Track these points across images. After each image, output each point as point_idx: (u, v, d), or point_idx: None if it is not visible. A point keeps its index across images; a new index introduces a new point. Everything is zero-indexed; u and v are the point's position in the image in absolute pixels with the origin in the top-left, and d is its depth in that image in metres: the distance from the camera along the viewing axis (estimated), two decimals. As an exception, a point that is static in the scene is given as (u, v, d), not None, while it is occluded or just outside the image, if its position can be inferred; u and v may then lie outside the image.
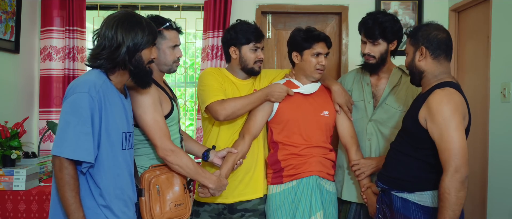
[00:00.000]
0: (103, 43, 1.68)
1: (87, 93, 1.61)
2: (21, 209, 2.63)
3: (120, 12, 1.74)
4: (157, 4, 3.74)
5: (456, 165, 1.71)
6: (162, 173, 1.94)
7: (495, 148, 2.96)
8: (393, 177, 1.95)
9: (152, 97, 1.90)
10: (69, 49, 3.59)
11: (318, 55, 2.25)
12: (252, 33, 2.29)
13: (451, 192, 1.70)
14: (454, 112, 1.74)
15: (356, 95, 2.39)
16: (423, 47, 1.88)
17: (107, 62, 1.69)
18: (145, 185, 1.89)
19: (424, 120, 1.81)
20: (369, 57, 2.29)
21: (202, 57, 3.70)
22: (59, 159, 1.59)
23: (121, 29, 1.68)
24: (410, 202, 1.88)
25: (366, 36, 2.28)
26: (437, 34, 1.87)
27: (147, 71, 1.80)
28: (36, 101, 3.63)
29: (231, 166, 2.19)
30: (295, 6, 3.77)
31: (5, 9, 3.17)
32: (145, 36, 1.72)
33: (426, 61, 1.88)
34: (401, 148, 1.93)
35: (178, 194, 1.96)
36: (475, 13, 3.35)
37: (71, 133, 1.59)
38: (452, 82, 1.86)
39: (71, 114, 1.60)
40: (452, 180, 1.70)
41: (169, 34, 2.03)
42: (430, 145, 1.80)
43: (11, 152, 2.71)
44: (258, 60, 2.32)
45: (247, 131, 2.26)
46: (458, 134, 1.73)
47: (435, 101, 1.77)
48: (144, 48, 1.73)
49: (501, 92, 2.88)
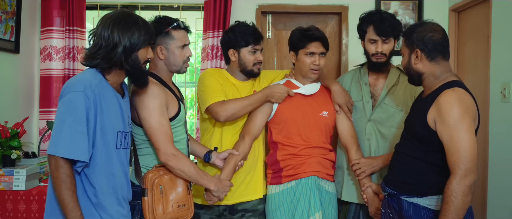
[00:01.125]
0: (99, 42, 1.68)
1: (83, 92, 1.61)
2: (21, 209, 2.62)
3: (116, 11, 1.74)
4: (157, 4, 3.74)
5: (465, 169, 1.66)
6: (166, 173, 1.94)
7: (495, 148, 2.95)
8: (402, 181, 1.89)
9: (159, 100, 1.89)
10: (69, 49, 3.59)
11: (312, 55, 2.23)
12: (250, 35, 2.27)
13: (458, 196, 1.65)
14: (465, 114, 1.70)
15: (355, 95, 2.38)
16: (418, 50, 1.84)
17: (103, 62, 1.68)
18: (148, 185, 1.89)
19: (433, 121, 1.76)
20: (381, 55, 2.26)
21: (202, 57, 3.70)
22: (54, 158, 1.59)
23: (118, 29, 1.67)
24: (421, 207, 1.83)
25: (378, 34, 2.24)
26: (432, 35, 1.82)
27: (144, 71, 1.80)
28: (36, 101, 3.63)
29: (233, 168, 2.19)
30: (295, 6, 3.77)
31: (5, 9, 3.17)
32: (141, 36, 1.71)
33: (423, 63, 1.84)
34: (409, 151, 1.88)
35: (181, 195, 1.96)
36: (475, 13, 3.35)
37: (67, 132, 1.59)
38: (459, 81, 1.82)
39: (66, 113, 1.60)
40: (461, 184, 1.65)
41: (177, 34, 2.02)
42: (439, 147, 1.75)
43: (11, 152, 2.71)
44: (257, 62, 2.31)
45: (247, 132, 2.26)
46: (468, 136, 1.69)
47: (445, 102, 1.72)
48: (141, 48, 1.73)
49: (501, 92, 2.88)
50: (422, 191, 1.83)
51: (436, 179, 1.79)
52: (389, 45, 2.26)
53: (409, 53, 1.88)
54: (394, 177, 1.94)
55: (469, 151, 1.67)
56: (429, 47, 1.82)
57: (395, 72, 2.34)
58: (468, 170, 1.66)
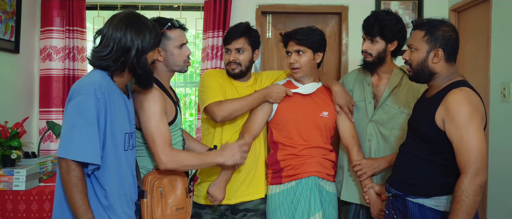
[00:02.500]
0: (110, 44, 1.65)
1: (93, 95, 1.59)
2: (21, 209, 2.62)
3: (125, 12, 1.71)
4: (157, 4, 3.74)
5: (476, 168, 1.65)
6: (165, 176, 1.93)
7: (495, 148, 2.95)
8: (407, 182, 1.87)
9: (159, 105, 1.87)
10: (69, 49, 3.59)
11: (289, 54, 2.27)
12: (226, 34, 2.31)
13: (469, 195, 1.64)
14: (474, 113, 1.69)
15: (357, 95, 2.38)
16: (440, 50, 1.79)
17: (115, 65, 1.67)
18: (148, 187, 1.88)
19: (441, 121, 1.74)
20: (366, 54, 2.28)
21: (202, 57, 3.70)
22: (65, 161, 1.57)
23: (131, 31, 1.65)
24: (427, 208, 1.81)
25: (365, 32, 2.27)
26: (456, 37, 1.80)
27: (150, 73, 1.79)
28: (36, 101, 3.62)
29: (233, 167, 2.19)
30: (295, 6, 3.77)
31: (5, 9, 3.17)
32: (152, 38, 1.70)
33: (440, 63, 1.81)
34: (415, 151, 1.86)
35: (180, 198, 1.94)
36: (475, 13, 3.35)
37: (78, 135, 1.57)
38: (465, 81, 1.81)
39: (77, 115, 1.58)
40: (472, 183, 1.64)
41: (173, 33, 1.99)
42: (446, 147, 1.74)
43: (11, 152, 2.71)
44: (230, 62, 2.29)
45: (247, 131, 2.26)
46: (478, 136, 1.67)
47: (453, 102, 1.71)
48: (151, 50, 1.73)
49: (501, 92, 2.88)
50: (428, 192, 1.81)
51: (442, 179, 1.79)
52: (376, 45, 2.25)
53: (428, 50, 1.82)
54: (399, 178, 1.92)
55: (479, 151, 1.66)
56: (450, 48, 1.80)
57: (398, 73, 2.32)
58: (479, 169, 1.65)
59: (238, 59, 2.27)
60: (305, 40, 2.22)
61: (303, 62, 2.23)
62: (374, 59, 2.27)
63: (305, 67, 2.25)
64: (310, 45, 2.22)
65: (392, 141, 2.27)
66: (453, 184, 1.71)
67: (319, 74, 2.38)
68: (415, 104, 2.04)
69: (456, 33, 1.83)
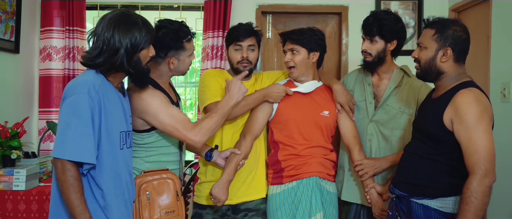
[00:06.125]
0: (100, 45, 1.65)
1: (87, 94, 1.59)
2: (21, 209, 2.62)
3: (115, 12, 1.71)
4: (157, 4, 3.74)
5: (486, 169, 1.63)
6: (154, 179, 1.92)
7: (495, 148, 2.95)
8: (412, 183, 1.85)
9: (158, 98, 1.88)
10: (69, 49, 3.59)
11: (285, 53, 2.28)
12: (234, 31, 2.28)
13: (479, 196, 1.62)
14: (483, 114, 1.68)
15: (358, 95, 2.38)
16: (449, 49, 1.78)
17: (105, 65, 1.67)
18: (136, 190, 1.88)
19: (449, 121, 1.72)
20: (366, 54, 2.28)
21: (202, 57, 3.70)
22: (61, 162, 1.57)
23: (118, 32, 1.64)
24: (432, 209, 1.79)
25: (364, 32, 2.28)
26: (466, 38, 1.79)
27: (145, 71, 1.78)
28: (36, 101, 3.63)
29: (235, 167, 2.19)
30: (295, 6, 3.77)
31: (5, 9, 3.17)
32: (142, 36, 1.69)
33: (448, 63, 1.79)
34: (421, 152, 1.84)
35: (170, 201, 1.93)
36: (475, 13, 3.35)
37: (72, 134, 1.57)
38: (473, 82, 1.80)
39: (71, 115, 1.58)
40: (481, 184, 1.63)
41: (188, 44, 2.04)
42: (453, 148, 1.73)
43: (11, 152, 2.71)
44: (242, 60, 2.27)
45: (248, 131, 2.26)
46: (487, 136, 1.66)
47: (462, 102, 1.70)
48: (143, 49, 1.71)
49: (501, 92, 2.88)
50: (433, 193, 1.80)
51: (448, 180, 1.77)
52: (376, 45, 2.25)
53: (437, 49, 1.80)
54: (403, 178, 1.90)
55: (488, 151, 1.66)
56: (459, 47, 1.78)
57: (399, 73, 2.32)
58: (488, 170, 1.65)
59: (250, 57, 2.28)
60: (299, 40, 2.23)
61: (297, 60, 2.24)
62: (374, 59, 2.27)
63: (300, 66, 2.25)
64: (304, 44, 2.23)
65: (392, 141, 2.27)
66: (459, 185, 1.70)
67: (319, 73, 2.38)
68: (421, 105, 2.03)
69: (467, 34, 1.81)
